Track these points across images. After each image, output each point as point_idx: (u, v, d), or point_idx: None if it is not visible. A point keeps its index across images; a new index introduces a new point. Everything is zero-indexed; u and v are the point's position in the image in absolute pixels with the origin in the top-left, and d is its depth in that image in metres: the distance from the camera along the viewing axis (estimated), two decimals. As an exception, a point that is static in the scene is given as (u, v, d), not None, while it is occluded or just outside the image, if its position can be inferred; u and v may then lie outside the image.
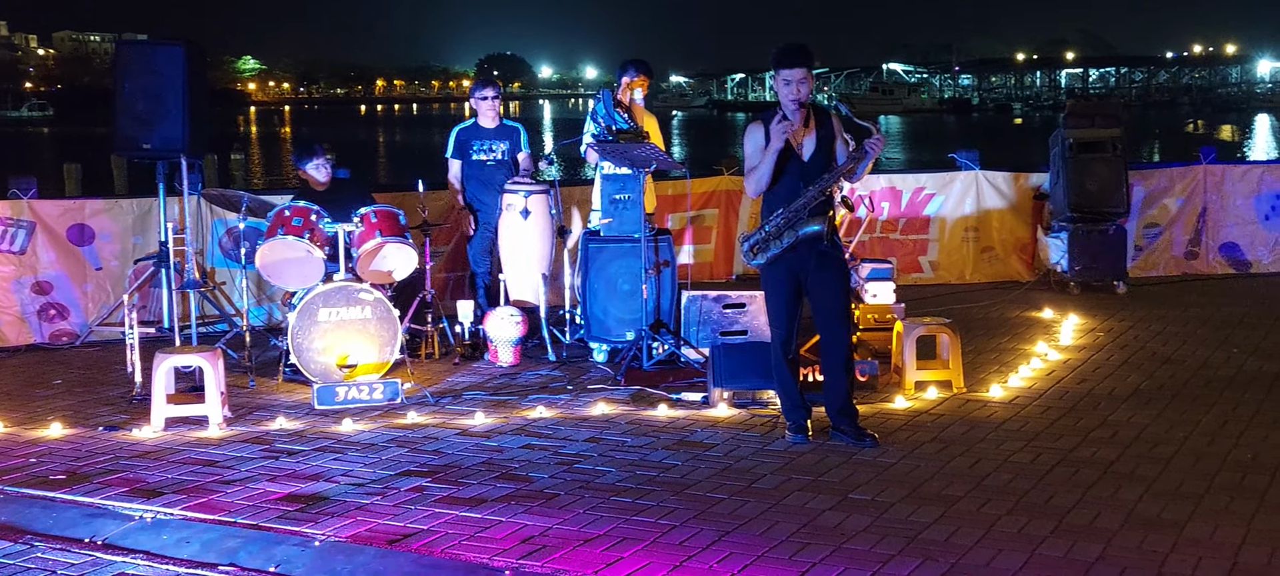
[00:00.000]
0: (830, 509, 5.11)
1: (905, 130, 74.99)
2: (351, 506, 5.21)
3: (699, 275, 10.52)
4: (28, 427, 6.63)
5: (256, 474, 5.71)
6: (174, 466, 5.84)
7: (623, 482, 5.51)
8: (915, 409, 6.76)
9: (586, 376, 7.65)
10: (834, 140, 6.06)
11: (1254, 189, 11.32)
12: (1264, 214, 11.28)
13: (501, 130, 8.75)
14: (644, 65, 8.47)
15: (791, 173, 5.99)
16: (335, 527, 4.95)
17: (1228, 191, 11.29)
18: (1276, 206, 11.27)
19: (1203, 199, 11.26)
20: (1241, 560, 4.47)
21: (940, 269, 11.22)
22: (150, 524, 5.07)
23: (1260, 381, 7.25)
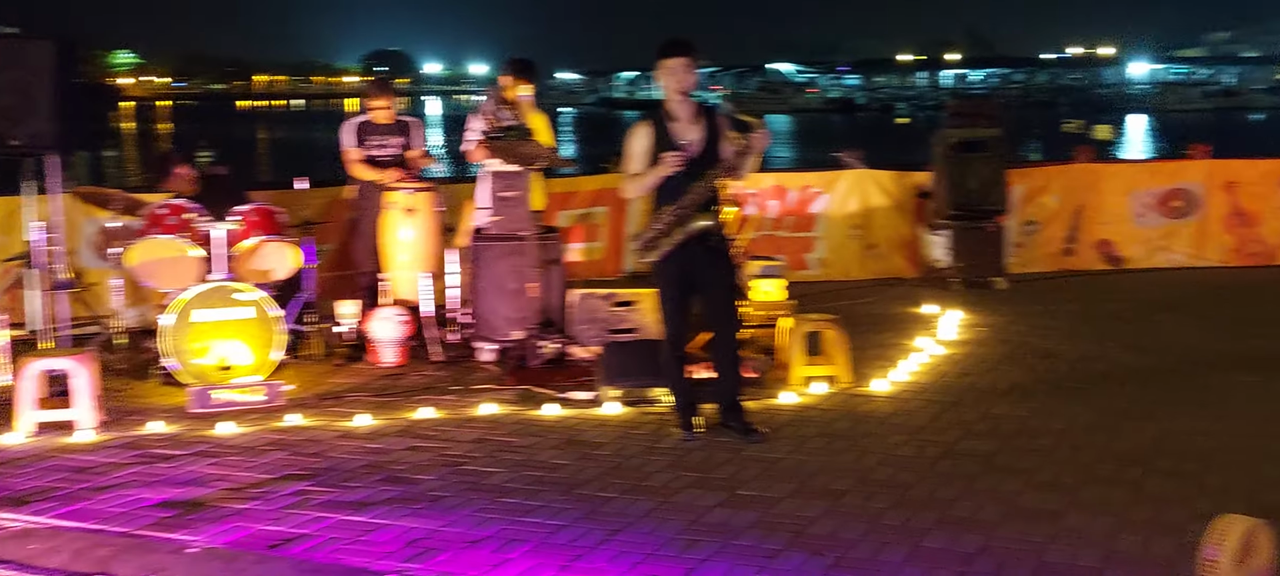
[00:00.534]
0: (718, 505, 5.11)
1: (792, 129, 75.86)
2: (229, 511, 5.07)
3: (588, 273, 10.47)
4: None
5: (130, 480, 5.52)
6: (43, 473, 5.63)
7: (510, 483, 5.45)
8: (803, 404, 6.81)
9: (472, 376, 7.56)
10: (719, 137, 6.07)
11: (1128, 187, 11.65)
12: (1137, 211, 11.62)
13: (397, 126, 8.60)
14: (524, 67, 8.35)
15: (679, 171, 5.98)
16: (212, 534, 4.81)
17: (1103, 189, 11.60)
18: (1149, 203, 11.62)
19: (1079, 196, 11.56)
20: (1116, 550, 4.58)
21: (827, 266, 11.34)
22: (17, 532, 4.87)
23: (1135, 374, 7.45)
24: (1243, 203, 11.61)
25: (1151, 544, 4.63)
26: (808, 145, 54.61)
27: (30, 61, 7.56)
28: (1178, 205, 11.60)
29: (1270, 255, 11.61)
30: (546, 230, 8.26)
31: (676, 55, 5.98)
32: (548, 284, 7.93)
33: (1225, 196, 11.60)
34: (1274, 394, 6.89)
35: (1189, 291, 10.39)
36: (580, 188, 10.95)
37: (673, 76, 5.96)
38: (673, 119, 6.01)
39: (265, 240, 7.54)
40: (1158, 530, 4.77)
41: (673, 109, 6.01)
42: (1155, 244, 11.64)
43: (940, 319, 9.17)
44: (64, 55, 7.67)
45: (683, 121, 6.01)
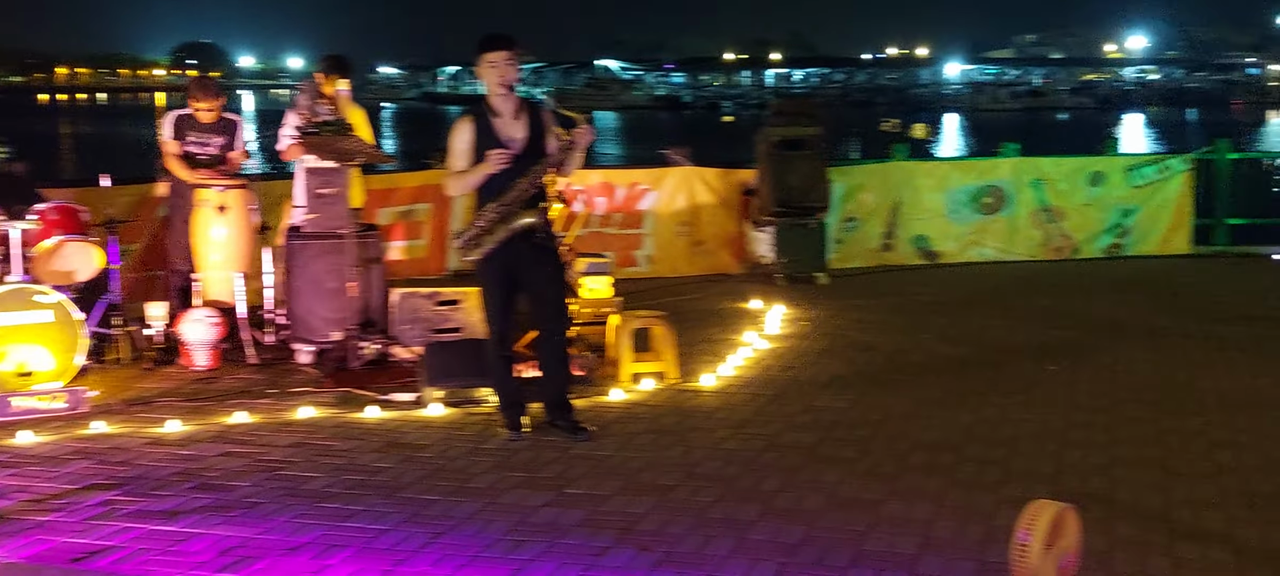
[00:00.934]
0: (545, 504, 5.07)
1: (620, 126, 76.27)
2: (30, 524, 4.81)
3: (411, 271, 10.32)
4: None
5: (-83, 496, 5.18)
6: None
7: (330, 488, 5.30)
8: (631, 401, 6.82)
9: (290, 379, 7.35)
10: (544, 133, 6.03)
11: (943, 184, 12.03)
12: (951, 207, 12.02)
13: (220, 124, 8.29)
14: (337, 63, 8.14)
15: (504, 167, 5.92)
16: (11, 548, 4.56)
17: (919, 186, 11.96)
18: (962, 200, 12.03)
19: (896, 193, 11.89)
20: (932, 535, 4.70)
21: (655, 263, 11.41)
22: None
23: (948, 365, 7.69)
24: (1049, 199, 12.12)
25: (965, 528, 4.77)
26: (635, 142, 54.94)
27: None
28: (989, 201, 12.04)
29: (1075, 249, 12.15)
30: (366, 228, 8.09)
31: (498, 49, 5.90)
32: (368, 283, 7.77)
33: (1033, 193, 12.09)
34: (1077, 382, 7.19)
35: (1000, 284, 10.79)
36: (401, 184, 10.77)
37: (494, 71, 5.89)
38: (496, 114, 5.94)
39: (66, 240, 7.19)
40: (971, 515, 4.92)
41: (496, 104, 5.94)
42: (968, 239, 12.06)
43: (765, 314, 9.32)
44: None
45: (506, 117, 5.94)
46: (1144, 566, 4.41)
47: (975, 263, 11.94)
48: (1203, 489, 5.25)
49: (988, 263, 11.93)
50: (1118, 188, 12.18)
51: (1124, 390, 6.97)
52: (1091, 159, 12.55)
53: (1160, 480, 5.37)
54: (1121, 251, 12.22)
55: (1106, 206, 12.19)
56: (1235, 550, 4.55)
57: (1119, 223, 12.22)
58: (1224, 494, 5.17)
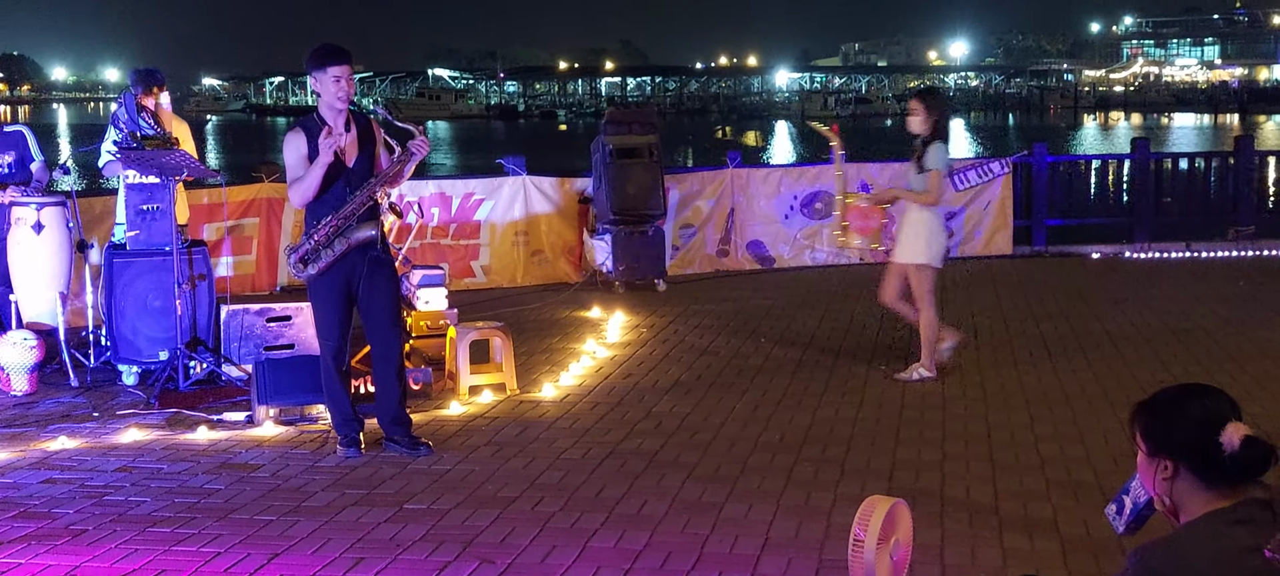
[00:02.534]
0: (385, 521, 5.00)
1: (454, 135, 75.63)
2: None
3: (239, 288, 10.06)
4: None
5: None
6: None
7: (160, 512, 5.13)
8: (470, 414, 6.77)
9: (115, 401, 7.08)
10: (376, 145, 5.96)
11: (775, 190, 12.28)
12: (783, 213, 12.27)
13: (3, 141, 7.93)
14: (149, 76, 7.87)
15: (337, 180, 5.82)
16: None
17: (753, 193, 12.18)
18: (794, 206, 12.29)
19: (731, 200, 12.09)
20: (773, 535, 4.79)
21: (492, 273, 11.35)
22: None
23: (785, 367, 7.84)
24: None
25: (805, 527, 4.87)
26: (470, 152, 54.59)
27: None
28: (819, 207, 12.32)
29: (901, 251, 12.51)
30: (193, 243, 7.84)
31: (341, 63, 5.80)
32: (195, 300, 7.53)
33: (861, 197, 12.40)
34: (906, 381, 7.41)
35: (832, 288, 11.05)
36: (229, 199, 10.49)
37: (336, 85, 5.77)
38: (327, 127, 5.82)
39: None
40: (810, 514, 5.03)
41: (328, 116, 5.83)
42: (800, 244, 12.33)
43: (604, 322, 9.35)
44: None
45: (337, 130, 5.82)
46: (975, 557, 4.57)
47: (808, 267, 12.21)
48: (1030, 481, 5.47)
49: (821, 267, 12.21)
50: (942, 191, 12.59)
51: (952, 388, 7.21)
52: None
53: (988, 473, 5.58)
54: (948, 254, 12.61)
55: (932, 209, 12.59)
56: (1061, 539, 4.75)
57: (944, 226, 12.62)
58: (1050, 485, 5.40)
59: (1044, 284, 11.14)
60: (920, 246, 7.27)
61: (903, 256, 7.35)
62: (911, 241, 7.29)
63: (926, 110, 7.27)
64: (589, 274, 11.22)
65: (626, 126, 11.26)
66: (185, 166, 7.28)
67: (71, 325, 7.78)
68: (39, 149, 8.05)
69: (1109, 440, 6.06)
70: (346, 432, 6.02)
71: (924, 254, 7.27)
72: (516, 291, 11.00)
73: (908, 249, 7.31)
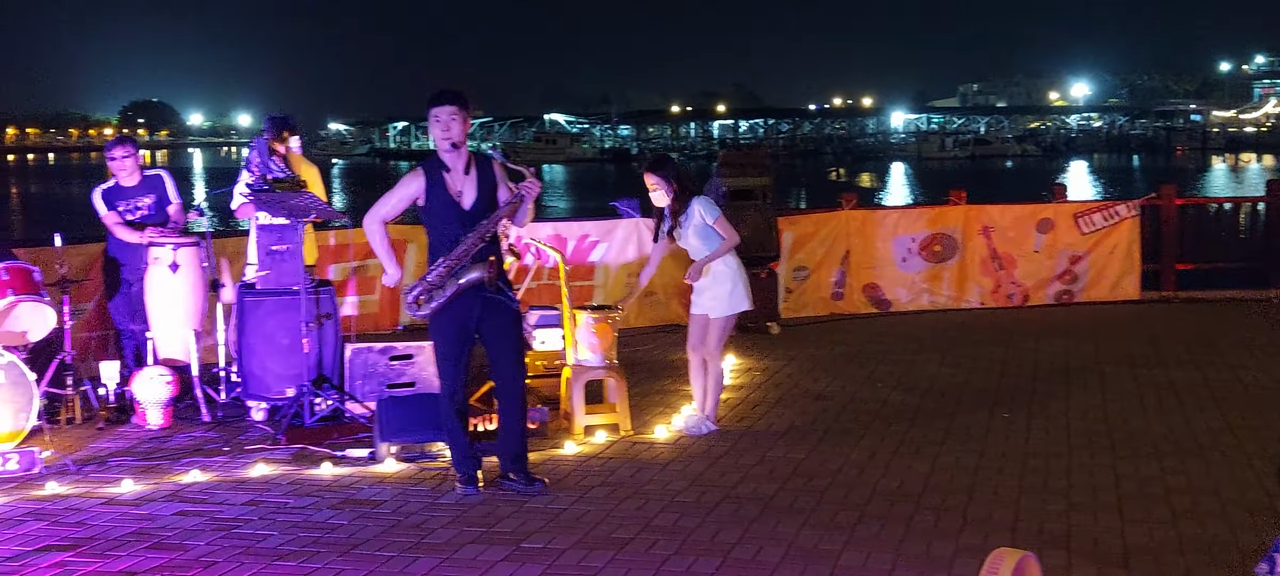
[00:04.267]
0: (503, 560, 5.05)
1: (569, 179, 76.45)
2: (-22, 591, 4.74)
3: (364, 326, 10.28)
4: None
5: None
6: None
7: (286, 546, 5.25)
8: (585, 454, 6.81)
9: (244, 436, 7.29)
10: (496, 187, 6.04)
11: (892, 232, 12.17)
12: (900, 255, 12.15)
13: (144, 184, 8.25)
14: (282, 123, 8.13)
15: (451, 221, 5.93)
16: (-42, 617, 4.47)
17: (868, 235, 12.09)
18: (912, 248, 12.16)
19: (846, 242, 12.01)
20: (891, 583, 4.73)
21: (606, 314, 11.39)
22: None
23: (903, 413, 7.75)
24: (998, 246, 12.28)
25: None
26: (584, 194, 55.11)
27: None
28: (938, 249, 12.18)
29: (1025, 296, 12.31)
30: (320, 283, 8.06)
31: (442, 104, 5.93)
32: (321, 338, 7.73)
33: (982, 241, 12.25)
34: (1031, 428, 7.27)
35: (951, 332, 10.89)
36: (354, 240, 10.73)
37: (438, 126, 5.92)
38: (447, 169, 5.96)
39: (19, 300, 7.11)
40: (930, 564, 4.95)
41: (446, 159, 5.95)
42: (918, 287, 12.19)
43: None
44: None
45: (457, 172, 5.96)
46: (1099, 610, 4.45)
47: (926, 311, 12.06)
48: (1160, 534, 5.31)
49: (938, 310, 12.05)
50: (1066, 234, 12.37)
51: (1078, 436, 7.06)
52: (1039, 206, 12.74)
53: (1117, 526, 5.44)
54: (1071, 298, 12.39)
55: (1055, 253, 12.37)
56: (1188, 592, 4.61)
57: (1068, 269, 12.40)
58: (1182, 540, 5.24)
59: (1173, 329, 10.84)
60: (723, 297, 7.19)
61: (718, 310, 7.21)
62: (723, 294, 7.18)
63: (665, 181, 7.20)
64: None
65: (739, 168, 11.27)
66: (313, 208, 7.49)
67: (204, 361, 8.03)
68: (176, 192, 8.35)
69: (1245, 493, 5.86)
70: (465, 470, 6.10)
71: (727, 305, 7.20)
72: (630, 332, 11.05)
73: (721, 302, 7.19)
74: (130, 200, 8.18)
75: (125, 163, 8.16)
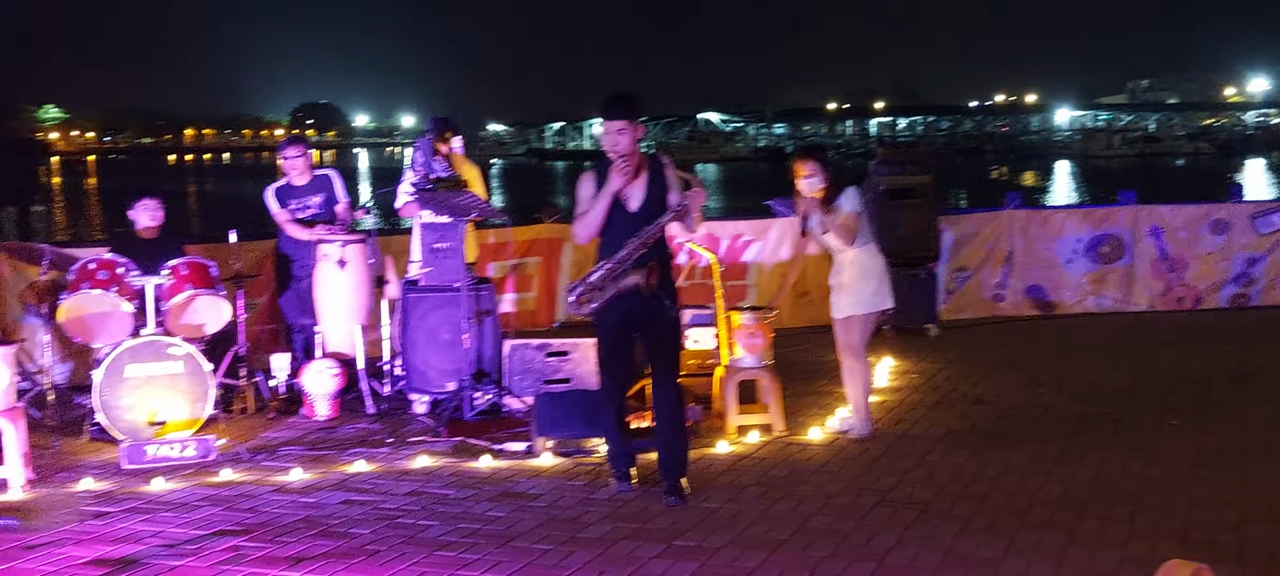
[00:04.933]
0: (656, 557, 5.09)
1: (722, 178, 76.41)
2: (163, 569, 4.98)
3: (521, 323, 10.46)
4: None
5: (61, 538, 5.40)
6: (-33, 535, 5.48)
7: (446, 536, 5.39)
8: (737, 453, 6.82)
9: (407, 428, 7.50)
10: (666, 192, 5.93)
11: (1057, 233, 11.85)
12: (1066, 257, 11.82)
13: (314, 183, 8.55)
14: (445, 124, 8.31)
15: (618, 224, 5.89)
16: (142, 595, 4.71)
17: (1032, 235, 11.79)
18: (1078, 249, 11.82)
19: (1009, 243, 11.74)
20: (1052, 592, 4.62)
21: (760, 314, 11.36)
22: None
23: (1066, 418, 7.55)
24: (1169, 247, 11.85)
25: (1086, 586, 4.68)
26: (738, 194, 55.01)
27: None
28: (1106, 250, 11.82)
29: (1197, 299, 11.86)
30: (480, 281, 8.23)
31: (613, 118, 5.84)
32: (481, 334, 7.90)
33: (1151, 242, 11.84)
34: (1202, 436, 7.00)
35: (1118, 336, 10.56)
36: (513, 238, 10.94)
37: (609, 139, 5.86)
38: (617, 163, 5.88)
39: (197, 294, 7.45)
40: (1093, 575, 4.82)
41: (617, 161, 5.87)
42: (1084, 289, 11.84)
43: (873, 367, 9.23)
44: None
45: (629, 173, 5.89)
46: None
47: (1092, 313, 11.71)
48: (1337, 547, 5.08)
49: (1105, 313, 11.70)
50: (1242, 235, 11.87)
51: (1252, 444, 6.77)
52: (1213, 206, 12.25)
53: (1291, 538, 5.21)
54: (1247, 302, 11.88)
55: (1230, 255, 11.89)
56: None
57: (1244, 272, 11.90)
58: (1359, 553, 5.00)
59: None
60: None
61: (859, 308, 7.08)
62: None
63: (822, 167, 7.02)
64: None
65: (898, 166, 11.10)
66: (474, 207, 7.66)
67: (369, 355, 8.29)
68: (344, 191, 8.63)
69: None
70: (618, 467, 6.15)
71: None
72: (783, 333, 10.97)
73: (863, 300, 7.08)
74: (301, 199, 8.49)
75: (297, 162, 8.47)
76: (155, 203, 8.19)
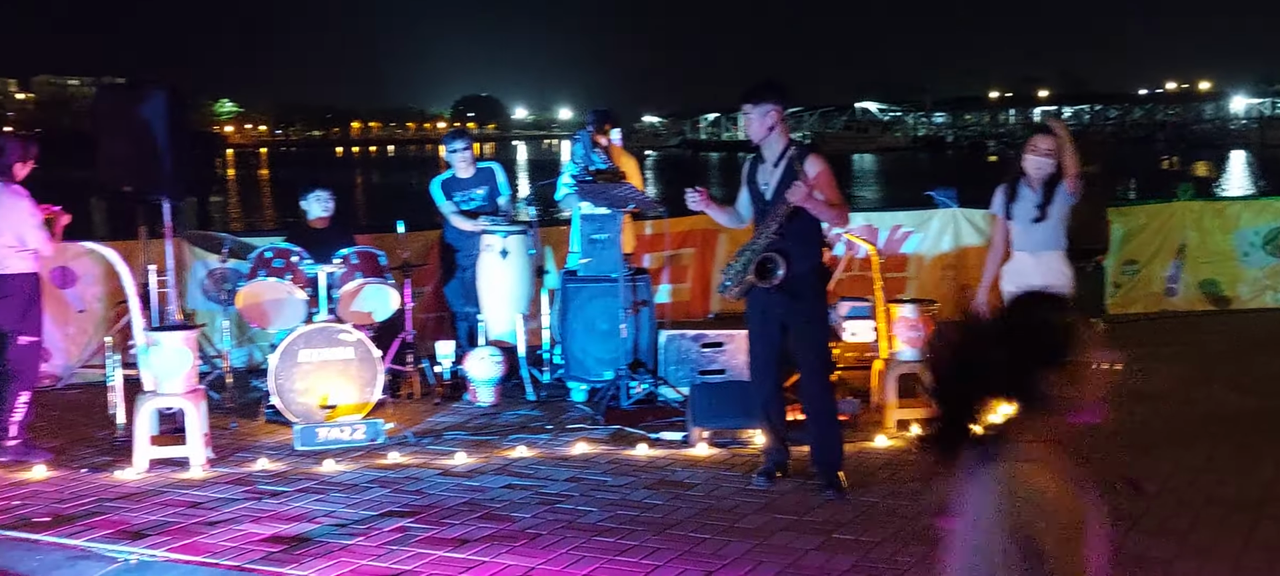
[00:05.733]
0: (814, 549, 5.09)
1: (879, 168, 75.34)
2: (335, 547, 5.18)
3: (676, 314, 10.50)
4: (12, 470, 6.55)
5: (239, 515, 5.66)
6: (157, 508, 5.79)
7: (604, 522, 5.48)
8: (897, 448, 6.75)
9: (566, 416, 7.63)
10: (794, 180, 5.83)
11: (1232, 225, 11.39)
12: (1243, 250, 11.35)
13: (478, 176, 8.75)
14: (606, 116, 8.41)
15: (758, 212, 6.01)
16: (319, 569, 4.92)
17: (1206, 228, 11.36)
18: (1255, 242, 11.34)
19: (1181, 235, 11.33)
20: (1226, 596, 4.47)
21: (919, 307, 11.20)
22: (134, 566, 5.02)
23: (1242, 416, 7.27)
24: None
25: (1263, 591, 4.52)
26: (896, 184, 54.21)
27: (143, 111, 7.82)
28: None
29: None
30: (637, 271, 8.31)
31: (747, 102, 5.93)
32: (638, 324, 7.98)
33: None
34: (1388, 438, 6.68)
35: (1297, 332, 10.12)
36: (669, 229, 10.99)
37: (745, 121, 6.00)
38: (761, 160, 6.01)
39: (366, 282, 7.70)
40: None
41: (763, 151, 6.00)
42: (1262, 283, 11.36)
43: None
44: (174, 105, 7.92)
45: (768, 163, 5.97)
46: None
47: (1270, 309, 11.23)
48: None
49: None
50: None
51: None
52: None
53: None
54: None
55: None
56: None
57: None
58: None
59: None
60: None
61: None
62: None
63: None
64: (1022, 310, 10.83)
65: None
66: (632, 199, 7.75)
67: (530, 344, 8.45)
68: (506, 183, 8.82)
69: None
70: (769, 462, 6.11)
71: None
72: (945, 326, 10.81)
73: None
74: (465, 190, 8.70)
75: (464, 154, 8.69)
76: (326, 194, 8.49)
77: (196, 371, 6.70)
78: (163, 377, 6.49)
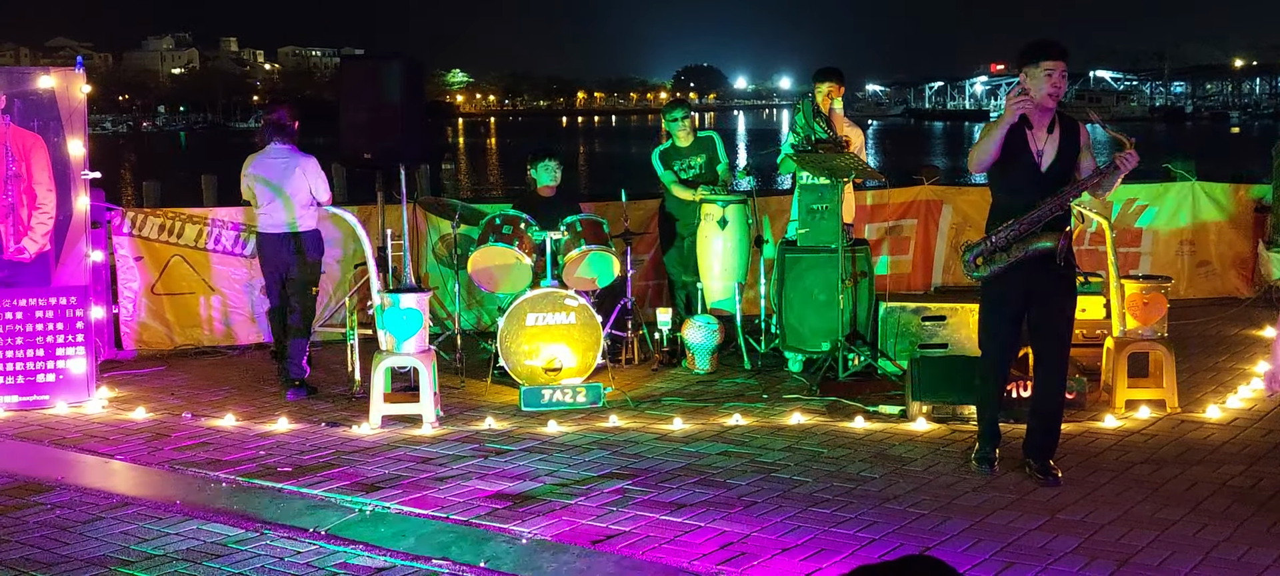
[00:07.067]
0: (1036, 529, 5.00)
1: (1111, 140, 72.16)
2: (557, 506, 5.36)
3: (896, 286, 10.39)
4: (257, 422, 7.03)
5: (467, 472, 5.92)
6: (390, 462, 6.11)
7: (820, 493, 5.50)
8: (1125, 429, 6.54)
9: (782, 386, 7.66)
10: (1079, 153, 5.61)
11: None
12: None
13: (696, 144, 8.83)
14: (834, 72, 8.35)
15: (1027, 181, 5.53)
16: (541, 526, 5.10)
17: None
18: None
19: None
20: None
21: (1153, 284, 10.76)
22: (369, 516, 5.32)
23: None
24: None
25: None
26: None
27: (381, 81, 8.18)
28: None
29: None
30: (856, 242, 8.26)
31: (1053, 58, 5.46)
32: (856, 296, 7.93)
33: None
34: None
35: None
36: (889, 200, 10.86)
37: (1048, 80, 5.46)
38: (1030, 126, 5.55)
39: (590, 249, 7.90)
40: None
41: (1031, 115, 5.55)
42: None
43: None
44: (410, 75, 8.26)
45: (1039, 130, 5.56)
46: None
47: None
48: None
49: None
50: None
51: None
52: None
53: None
54: None
55: None
56: None
57: None
58: None
59: None
60: None
61: None
62: None
63: None
64: (1263, 289, 10.31)
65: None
66: (853, 168, 7.69)
67: (746, 313, 8.51)
68: (725, 153, 8.88)
69: None
70: (984, 447, 5.85)
71: None
72: (1179, 304, 10.34)
73: None
74: (685, 160, 8.80)
75: (683, 125, 8.79)
76: (555, 163, 8.72)
77: (427, 332, 7.02)
78: (397, 338, 6.84)
